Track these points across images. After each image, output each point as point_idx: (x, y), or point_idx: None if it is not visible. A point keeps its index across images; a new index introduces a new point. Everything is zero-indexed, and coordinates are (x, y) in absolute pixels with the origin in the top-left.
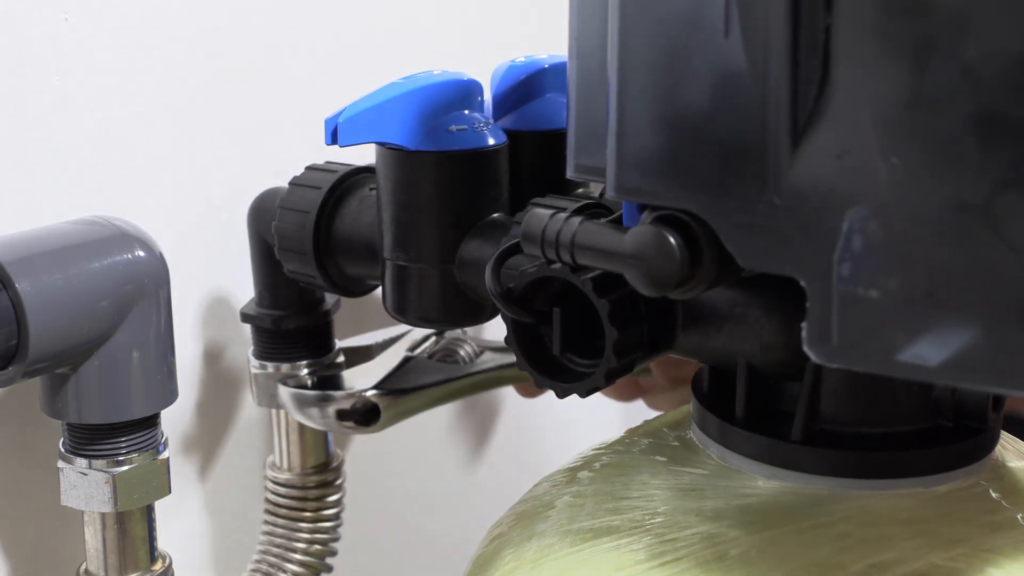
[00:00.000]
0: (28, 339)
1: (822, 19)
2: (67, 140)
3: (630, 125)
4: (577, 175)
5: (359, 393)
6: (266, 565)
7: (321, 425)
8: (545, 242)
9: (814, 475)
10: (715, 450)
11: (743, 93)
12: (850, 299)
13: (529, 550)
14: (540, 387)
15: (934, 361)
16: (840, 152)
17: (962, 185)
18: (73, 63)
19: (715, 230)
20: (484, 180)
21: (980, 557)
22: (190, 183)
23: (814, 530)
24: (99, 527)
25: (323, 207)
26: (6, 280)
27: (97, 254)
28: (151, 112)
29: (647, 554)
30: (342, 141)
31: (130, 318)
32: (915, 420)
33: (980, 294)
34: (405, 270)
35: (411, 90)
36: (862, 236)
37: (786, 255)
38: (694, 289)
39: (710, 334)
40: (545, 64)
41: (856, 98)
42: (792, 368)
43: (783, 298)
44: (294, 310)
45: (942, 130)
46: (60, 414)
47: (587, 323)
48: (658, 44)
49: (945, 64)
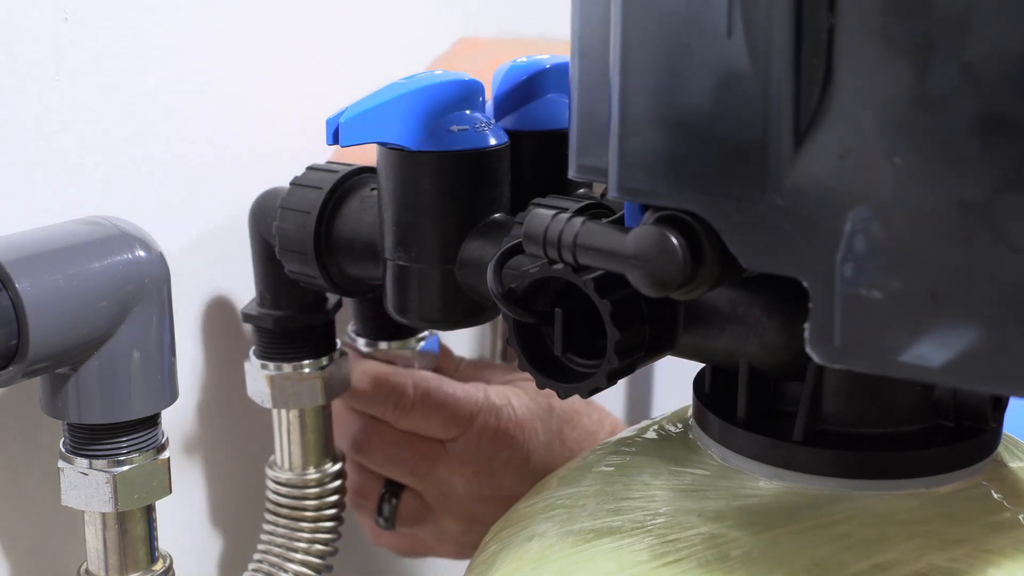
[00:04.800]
0: (28, 339)
1: (825, 19)
2: (67, 140)
3: (632, 125)
4: (579, 175)
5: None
6: (267, 565)
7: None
8: (547, 242)
9: (815, 475)
10: (716, 450)
11: (745, 93)
12: (852, 300)
13: (530, 550)
14: (541, 387)
15: (936, 362)
16: (842, 152)
17: (964, 185)
18: (73, 63)
19: (717, 230)
20: (485, 180)
21: (981, 557)
22: (191, 183)
23: (815, 530)
24: (100, 527)
25: (324, 207)
26: (6, 280)
27: (97, 254)
28: (151, 112)
29: (648, 555)
30: (344, 141)
31: (130, 318)
32: (916, 420)
33: (982, 295)
34: (406, 270)
35: (412, 90)
36: (864, 236)
37: (788, 255)
38: (696, 290)
39: (712, 334)
40: (547, 64)
41: (859, 98)
42: (793, 368)
43: (785, 299)
44: (295, 310)
45: (944, 130)
46: (60, 414)
47: (589, 323)
48: (660, 44)
49: (947, 64)
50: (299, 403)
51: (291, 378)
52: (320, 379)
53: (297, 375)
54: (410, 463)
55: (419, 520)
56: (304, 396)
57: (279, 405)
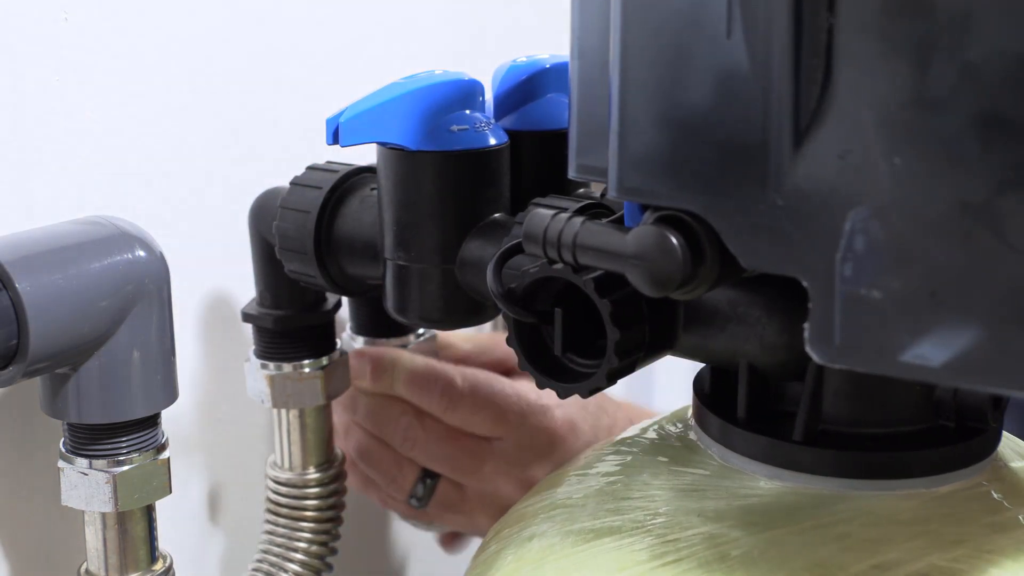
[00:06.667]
0: (28, 339)
1: (825, 19)
2: (67, 140)
3: (632, 125)
4: (579, 175)
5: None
6: (267, 565)
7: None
8: (547, 242)
9: (816, 475)
10: (716, 450)
11: (745, 93)
12: (852, 299)
13: (531, 550)
14: (541, 387)
15: (936, 362)
16: (842, 152)
17: (964, 185)
18: (73, 63)
19: (717, 230)
20: (485, 180)
21: (982, 558)
22: (190, 183)
23: (815, 530)
24: (100, 527)
25: (324, 207)
26: (6, 280)
27: (97, 254)
28: (151, 112)
29: (649, 554)
30: (343, 141)
31: (130, 318)
32: (917, 420)
33: (982, 294)
34: (406, 270)
35: (412, 90)
36: (864, 236)
37: (788, 255)
38: (696, 289)
39: (712, 334)
40: (546, 64)
41: (858, 98)
42: (794, 368)
43: (785, 298)
44: (295, 310)
45: (944, 130)
46: (60, 414)
47: (589, 323)
48: (660, 44)
49: (947, 64)
50: (299, 403)
51: (291, 378)
52: (320, 379)
53: (297, 375)
54: (456, 460)
55: (453, 508)
56: (304, 396)
57: (279, 405)
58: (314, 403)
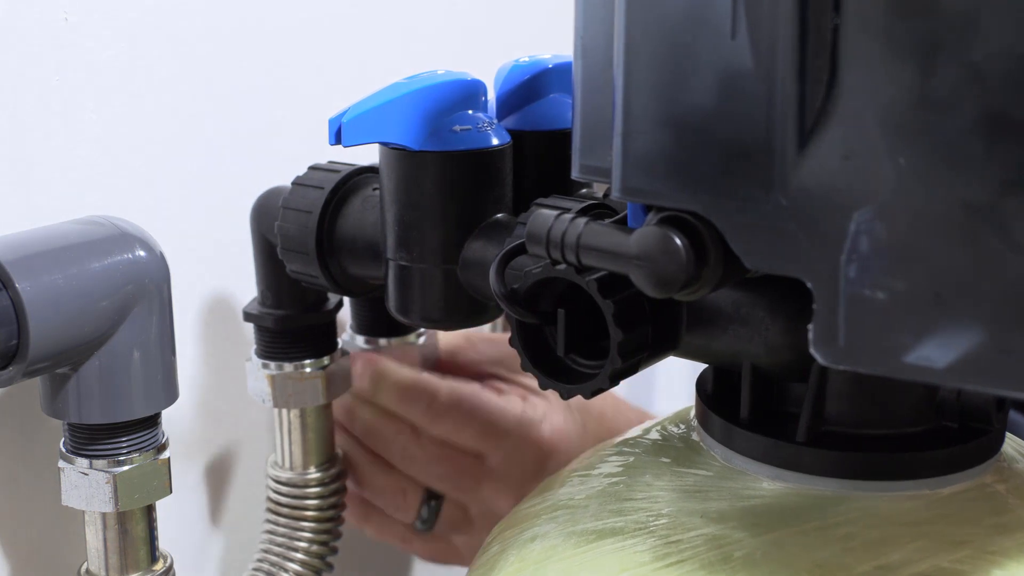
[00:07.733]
0: (28, 339)
1: (830, 20)
2: (67, 140)
3: (636, 125)
4: (582, 175)
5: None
6: (267, 564)
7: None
8: (550, 243)
9: (819, 476)
10: (719, 451)
11: (749, 94)
12: (857, 300)
13: (533, 551)
14: (544, 388)
15: (941, 363)
16: (847, 153)
17: (968, 186)
18: (73, 63)
19: (721, 231)
20: (488, 180)
21: (985, 559)
22: (191, 183)
23: (818, 532)
24: (100, 527)
25: (326, 207)
26: (6, 280)
27: (97, 254)
28: (151, 112)
29: (651, 556)
30: (346, 141)
31: (130, 318)
32: (920, 421)
33: (986, 296)
34: (408, 270)
35: (415, 90)
36: (869, 237)
37: (792, 256)
38: (699, 290)
39: (715, 335)
40: (549, 64)
41: (863, 99)
42: (797, 369)
43: (788, 299)
44: (297, 309)
45: (949, 131)
46: (60, 414)
47: (592, 324)
48: (664, 44)
49: (952, 65)
50: (300, 402)
51: (292, 377)
52: (321, 378)
53: (298, 374)
54: (454, 479)
55: (458, 528)
56: (305, 395)
57: (280, 404)
58: (315, 403)
